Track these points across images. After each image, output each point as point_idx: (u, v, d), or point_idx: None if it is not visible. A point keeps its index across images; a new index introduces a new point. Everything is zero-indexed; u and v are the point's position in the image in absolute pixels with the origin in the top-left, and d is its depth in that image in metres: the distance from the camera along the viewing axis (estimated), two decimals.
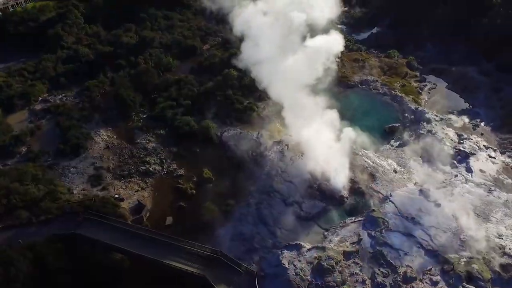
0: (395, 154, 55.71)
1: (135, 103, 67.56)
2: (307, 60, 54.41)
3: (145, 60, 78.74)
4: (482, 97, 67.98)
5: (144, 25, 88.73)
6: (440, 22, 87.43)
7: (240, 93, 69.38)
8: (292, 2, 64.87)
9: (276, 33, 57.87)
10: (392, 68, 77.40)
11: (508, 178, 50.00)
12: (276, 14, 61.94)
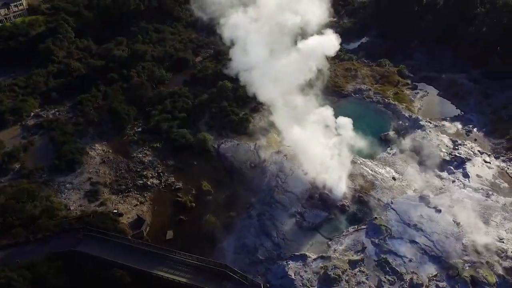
0: (393, 162, 56.24)
1: (129, 116, 66.97)
2: (299, 62, 55.38)
3: (138, 73, 78.31)
4: (472, 103, 69.49)
5: (136, 39, 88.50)
6: (426, 32, 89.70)
7: (235, 105, 69.50)
8: (282, 9, 67.56)
9: (266, 38, 59.53)
10: (384, 76, 78.59)
11: (504, 182, 50.90)
12: (266, 18, 63.83)
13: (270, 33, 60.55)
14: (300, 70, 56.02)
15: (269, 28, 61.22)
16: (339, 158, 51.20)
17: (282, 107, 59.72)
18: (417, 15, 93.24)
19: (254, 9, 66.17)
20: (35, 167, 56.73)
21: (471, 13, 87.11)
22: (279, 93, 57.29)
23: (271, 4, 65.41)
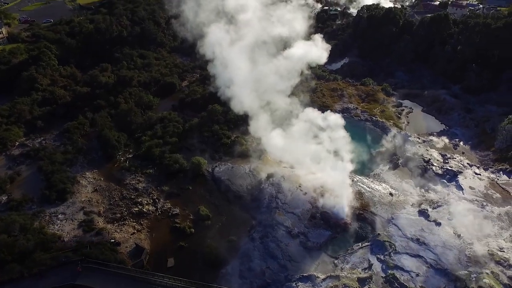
0: (387, 178, 57.10)
1: (120, 143, 65.81)
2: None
3: (125, 99, 77.69)
4: (456, 118, 72.12)
5: (121, 65, 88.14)
6: (405, 51, 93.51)
7: (226, 128, 69.65)
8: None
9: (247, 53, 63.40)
10: (369, 95, 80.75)
11: (496, 192, 52.45)
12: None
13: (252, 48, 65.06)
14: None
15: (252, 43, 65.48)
16: (338, 176, 51.64)
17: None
18: (395, 36, 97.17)
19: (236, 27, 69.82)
20: (24, 199, 54.43)
21: (445, 33, 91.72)
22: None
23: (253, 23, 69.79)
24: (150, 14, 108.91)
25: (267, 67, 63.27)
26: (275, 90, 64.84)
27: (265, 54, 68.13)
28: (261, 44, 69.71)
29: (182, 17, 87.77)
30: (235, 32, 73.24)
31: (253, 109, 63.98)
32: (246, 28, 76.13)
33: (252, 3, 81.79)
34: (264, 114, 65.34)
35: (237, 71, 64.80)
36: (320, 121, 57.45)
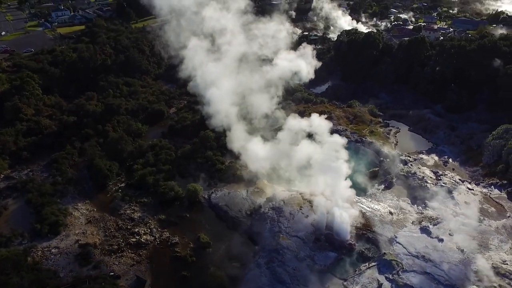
0: (384, 197, 57.83)
1: (112, 172, 64.16)
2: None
3: (114, 127, 76.52)
4: (442, 136, 74.50)
5: (107, 93, 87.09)
6: (386, 73, 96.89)
7: (219, 153, 69.23)
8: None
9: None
10: (356, 117, 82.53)
11: (491, 206, 53.95)
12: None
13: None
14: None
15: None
16: (340, 197, 51.93)
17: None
18: (376, 59, 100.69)
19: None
20: (13, 234, 51.69)
21: (423, 55, 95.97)
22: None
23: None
24: (134, 42, 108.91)
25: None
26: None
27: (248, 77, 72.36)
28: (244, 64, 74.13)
29: (166, 41, 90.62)
30: (217, 54, 77.45)
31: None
32: (228, 51, 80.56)
33: (231, 26, 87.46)
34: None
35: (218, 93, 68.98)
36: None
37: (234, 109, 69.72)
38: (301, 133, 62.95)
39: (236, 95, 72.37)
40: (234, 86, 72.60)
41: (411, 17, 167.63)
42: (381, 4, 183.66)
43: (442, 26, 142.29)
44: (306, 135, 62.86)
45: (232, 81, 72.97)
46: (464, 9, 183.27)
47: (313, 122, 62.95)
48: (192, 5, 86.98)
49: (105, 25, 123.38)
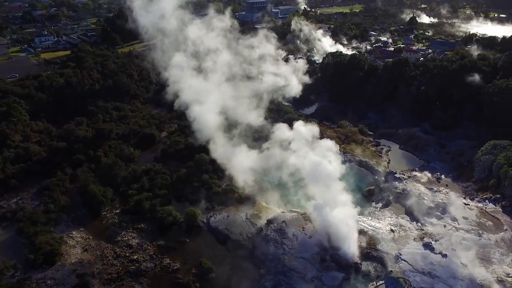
0: (383, 215, 58.27)
1: (106, 198, 62.63)
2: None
3: (105, 153, 75.18)
4: (433, 153, 76.28)
5: (97, 118, 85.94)
6: (373, 93, 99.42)
7: (215, 177, 68.76)
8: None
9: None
10: (348, 136, 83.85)
11: (488, 220, 55.09)
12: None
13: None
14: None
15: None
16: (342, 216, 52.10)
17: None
18: (362, 80, 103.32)
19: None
20: (5, 265, 49.17)
21: (407, 75, 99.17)
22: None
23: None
24: (121, 67, 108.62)
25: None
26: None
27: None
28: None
29: (153, 64, 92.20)
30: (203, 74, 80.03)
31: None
32: (214, 70, 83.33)
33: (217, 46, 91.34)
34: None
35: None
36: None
37: (220, 125, 72.82)
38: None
39: (224, 113, 75.25)
40: (221, 104, 75.00)
41: (389, 38, 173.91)
42: (361, 27, 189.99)
43: (421, 48, 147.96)
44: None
45: (220, 99, 75.38)
46: (439, 31, 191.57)
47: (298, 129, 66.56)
48: (176, 27, 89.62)
49: (91, 50, 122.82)
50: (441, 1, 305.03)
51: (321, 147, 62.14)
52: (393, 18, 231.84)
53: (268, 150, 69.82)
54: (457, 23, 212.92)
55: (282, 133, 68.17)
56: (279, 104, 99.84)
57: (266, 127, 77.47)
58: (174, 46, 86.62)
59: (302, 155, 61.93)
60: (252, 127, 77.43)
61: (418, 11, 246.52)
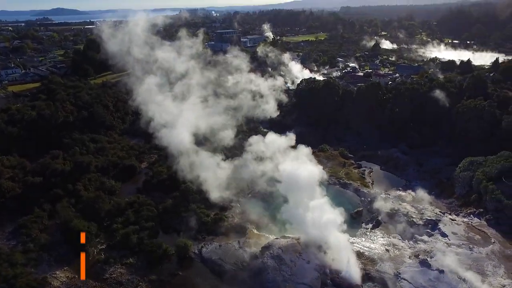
0: (375, 235, 58.80)
1: (91, 234, 59.60)
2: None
3: (85, 186, 72.28)
4: (412, 173, 78.66)
5: (73, 151, 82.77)
6: (349, 117, 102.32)
7: (203, 206, 67.38)
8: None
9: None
10: (330, 160, 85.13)
11: (476, 234, 56.80)
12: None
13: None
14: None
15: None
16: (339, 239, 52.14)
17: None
18: (338, 104, 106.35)
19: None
20: None
21: (381, 98, 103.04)
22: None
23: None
24: (96, 98, 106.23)
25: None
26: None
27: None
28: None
29: (127, 94, 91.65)
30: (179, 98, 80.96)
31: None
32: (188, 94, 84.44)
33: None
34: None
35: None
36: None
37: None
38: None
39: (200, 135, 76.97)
40: (197, 126, 76.22)
41: (356, 64, 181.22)
42: (328, 54, 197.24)
43: (387, 72, 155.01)
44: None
45: (195, 122, 76.46)
46: (401, 56, 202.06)
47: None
48: (148, 55, 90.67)
49: (62, 81, 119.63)
50: (398, 27, 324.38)
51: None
52: (357, 45, 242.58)
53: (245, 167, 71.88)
54: (416, 48, 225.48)
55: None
56: (257, 129, 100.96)
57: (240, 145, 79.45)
58: (147, 74, 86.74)
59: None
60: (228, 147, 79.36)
61: (379, 38, 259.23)
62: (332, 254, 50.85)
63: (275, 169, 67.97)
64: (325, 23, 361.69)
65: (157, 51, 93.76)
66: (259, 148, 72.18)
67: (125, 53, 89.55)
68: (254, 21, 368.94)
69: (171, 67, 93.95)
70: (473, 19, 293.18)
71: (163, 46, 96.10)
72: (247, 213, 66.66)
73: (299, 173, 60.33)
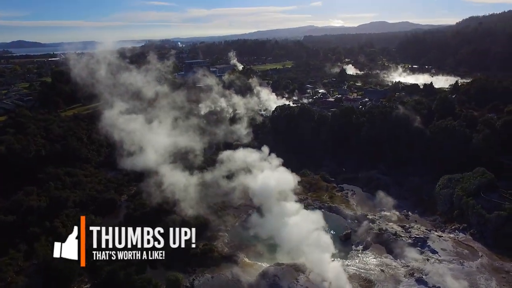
0: (367, 257, 59.13)
1: (74, 272, 56.19)
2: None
3: (63, 223, 68.68)
4: (394, 192, 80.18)
5: (48, 186, 78.93)
6: (326, 142, 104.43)
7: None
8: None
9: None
10: (312, 185, 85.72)
11: (464, 249, 58.36)
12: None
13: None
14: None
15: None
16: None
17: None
18: (314, 129, 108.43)
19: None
20: None
21: (355, 121, 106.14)
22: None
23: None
24: (68, 131, 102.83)
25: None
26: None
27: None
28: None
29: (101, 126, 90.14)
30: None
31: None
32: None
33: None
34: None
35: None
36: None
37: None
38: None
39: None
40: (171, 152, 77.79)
41: (324, 90, 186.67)
42: (297, 82, 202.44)
43: (357, 97, 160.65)
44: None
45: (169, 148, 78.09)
46: (366, 81, 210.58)
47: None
48: (118, 85, 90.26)
49: (31, 114, 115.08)
50: (358, 53, 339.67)
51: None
52: (323, 72, 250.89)
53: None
54: (379, 73, 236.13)
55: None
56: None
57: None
58: (118, 104, 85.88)
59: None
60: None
61: (344, 64, 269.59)
62: (329, 278, 50.31)
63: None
64: (290, 52, 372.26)
65: (127, 81, 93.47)
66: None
67: (95, 84, 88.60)
68: (220, 51, 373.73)
69: (142, 95, 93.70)
70: (427, 45, 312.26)
71: (133, 75, 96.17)
72: (236, 241, 65.54)
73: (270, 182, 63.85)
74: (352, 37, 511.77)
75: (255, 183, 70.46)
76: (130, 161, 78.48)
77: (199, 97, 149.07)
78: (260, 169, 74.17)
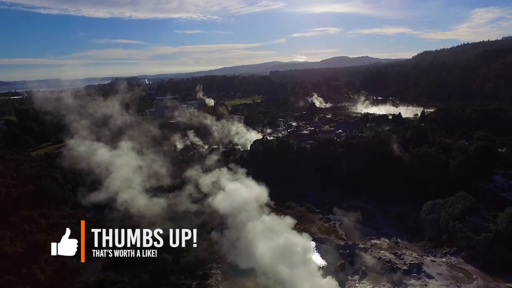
0: (365, 286, 58.93)
1: None
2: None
3: (42, 268, 64.00)
4: (380, 221, 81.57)
5: (22, 230, 73.89)
6: (306, 173, 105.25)
7: (183, 277, 63.07)
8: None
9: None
10: (299, 216, 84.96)
11: (458, 272, 59.30)
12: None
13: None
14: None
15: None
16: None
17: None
18: (294, 162, 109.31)
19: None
20: None
21: (334, 152, 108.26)
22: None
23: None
24: (41, 170, 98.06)
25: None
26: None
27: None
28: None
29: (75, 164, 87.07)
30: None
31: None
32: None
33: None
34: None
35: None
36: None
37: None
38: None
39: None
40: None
41: (296, 123, 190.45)
42: (269, 116, 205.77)
43: (329, 129, 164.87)
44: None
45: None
46: (335, 113, 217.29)
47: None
48: (88, 123, 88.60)
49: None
50: (325, 86, 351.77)
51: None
52: (292, 105, 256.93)
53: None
54: (346, 105, 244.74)
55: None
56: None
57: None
58: (90, 142, 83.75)
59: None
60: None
61: (312, 98, 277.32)
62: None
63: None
64: (259, 87, 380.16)
65: (95, 117, 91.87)
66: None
67: (64, 122, 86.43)
68: (189, 88, 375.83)
69: (114, 132, 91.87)
70: (389, 77, 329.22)
71: (103, 112, 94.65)
72: (231, 278, 63.42)
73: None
74: (316, 72, 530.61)
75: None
76: (108, 200, 75.39)
77: (173, 133, 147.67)
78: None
